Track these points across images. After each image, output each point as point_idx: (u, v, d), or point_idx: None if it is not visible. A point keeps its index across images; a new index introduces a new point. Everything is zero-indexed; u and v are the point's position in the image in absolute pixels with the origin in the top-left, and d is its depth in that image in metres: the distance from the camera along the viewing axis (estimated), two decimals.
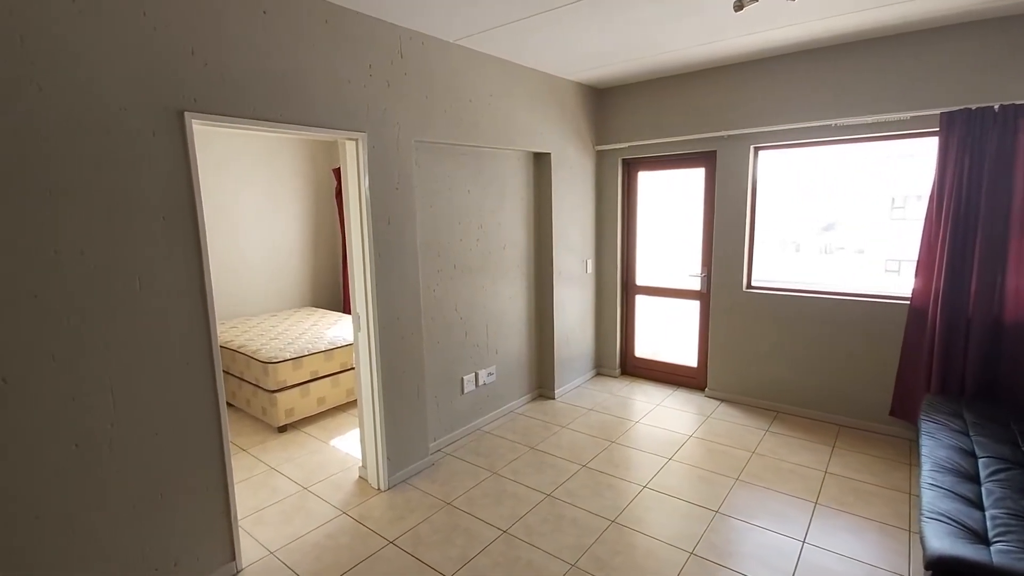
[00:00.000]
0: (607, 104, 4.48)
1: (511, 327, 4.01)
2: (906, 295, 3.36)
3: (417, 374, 3.12)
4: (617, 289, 4.70)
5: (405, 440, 3.08)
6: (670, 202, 4.55)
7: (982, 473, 2.21)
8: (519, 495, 2.92)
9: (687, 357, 4.51)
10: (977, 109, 2.89)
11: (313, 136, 2.53)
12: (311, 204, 5.49)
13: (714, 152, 4.03)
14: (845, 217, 4.07)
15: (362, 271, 2.84)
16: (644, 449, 3.43)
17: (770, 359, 3.93)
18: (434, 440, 3.44)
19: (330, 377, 4.02)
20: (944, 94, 3.06)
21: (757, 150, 3.85)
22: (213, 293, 2.18)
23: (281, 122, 2.34)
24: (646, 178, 4.57)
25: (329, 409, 4.14)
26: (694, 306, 4.38)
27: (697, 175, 4.22)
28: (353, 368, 4.14)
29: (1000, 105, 2.83)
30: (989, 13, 2.83)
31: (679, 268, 4.48)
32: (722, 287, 4.08)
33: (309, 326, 4.47)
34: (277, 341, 4.00)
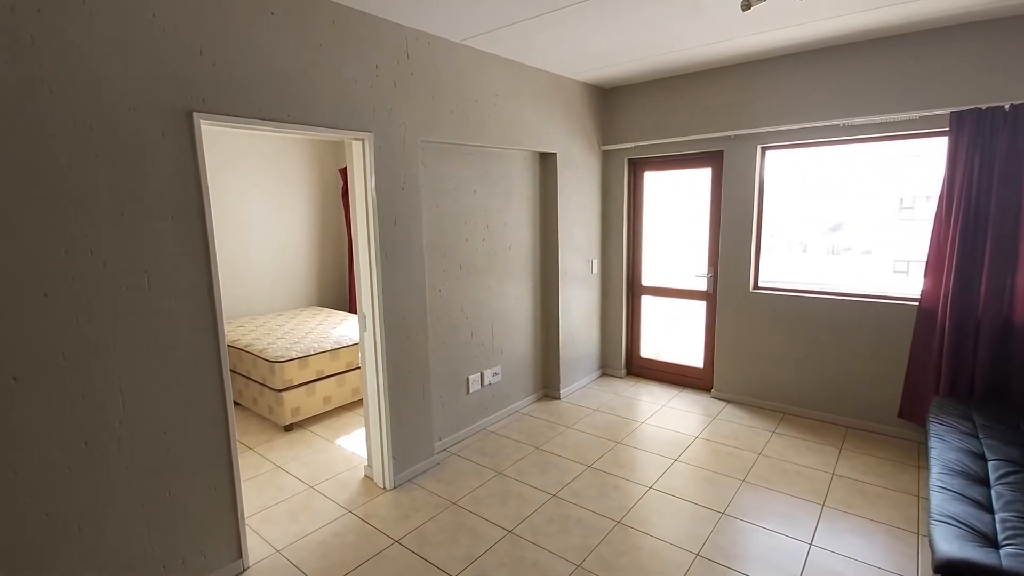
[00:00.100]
0: (613, 104, 4.48)
1: (517, 327, 4.01)
2: (915, 296, 3.34)
3: (423, 374, 3.13)
4: (623, 289, 4.69)
5: (411, 439, 3.09)
6: (676, 202, 4.54)
7: (992, 476, 2.19)
8: (524, 495, 2.92)
9: (693, 358, 4.50)
10: (987, 109, 2.86)
11: (320, 136, 2.54)
12: (317, 204, 5.51)
13: (721, 152, 4.01)
14: (853, 217, 4.04)
15: (368, 271, 2.85)
16: (650, 450, 3.42)
17: (777, 360, 3.91)
18: (439, 440, 3.45)
19: (336, 376, 4.04)
20: (953, 93, 3.03)
21: (764, 150, 3.83)
22: (221, 292, 2.19)
23: (288, 122, 2.35)
24: (652, 178, 4.56)
25: (335, 408, 4.15)
26: (700, 307, 4.36)
27: (703, 175, 4.21)
28: (359, 367, 4.14)
29: (1011, 105, 2.80)
30: (998, 13, 2.81)
31: (685, 268, 4.46)
32: (729, 288, 4.07)
33: (315, 325, 4.49)
34: (283, 340, 4.02)
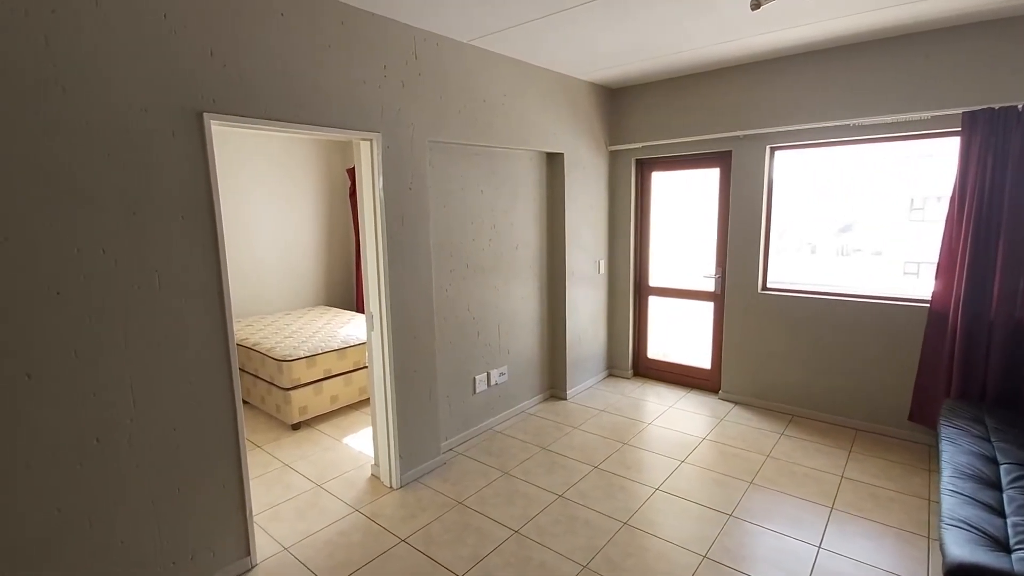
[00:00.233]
0: (621, 104, 4.47)
1: (523, 327, 4.01)
2: (925, 298, 3.31)
3: (429, 373, 3.13)
4: (630, 290, 4.68)
5: (417, 439, 3.10)
6: (684, 203, 4.52)
7: (1004, 480, 2.16)
8: (531, 495, 2.91)
9: (700, 359, 4.48)
10: (1000, 109, 2.83)
11: (328, 136, 2.55)
12: (325, 204, 5.54)
13: (729, 152, 3.99)
14: (862, 218, 4.00)
15: (376, 271, 2.86)
16: (656, 451, 3.41)
17: (785, 362, 3.88)
18: (446, 439, 3.46)
19: (343, 376, 4.05)
20: (965, 93, 3.00)
21: (773, 150, 3.81)
22: (230, 291, 2.21)
23: (297, 122, 2.37)
24: (660, 178, 4.54)
25: (342, 407, 4.17)
26: (708, 307, 4.34)
27: (712, 175, 4.19)
28: (366, 367, 4.17)
29: None
30: (1010, 12, 2.77)
31: (693, 269, 4.44)
32: (737, 288, 4.05)
33: (323, 325, 4.51)
34: (291, 339, 4.04)
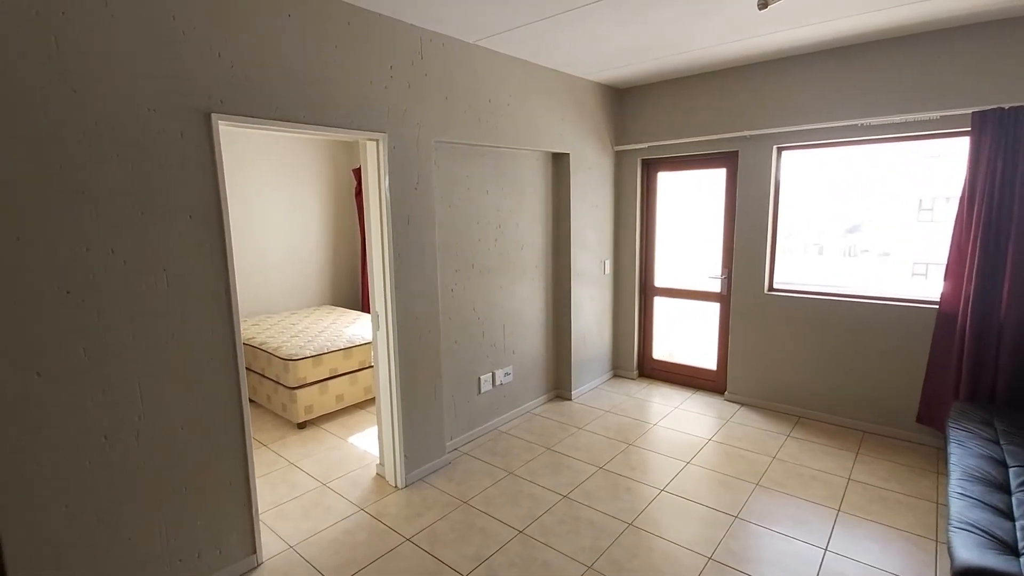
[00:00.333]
0: (627, 104, 4.46)
1: (528, 327, 4.01)
2: (934, 299, 3.28)
3: (435, 373, 3.14)
4: (635, 290, 4.67)
5: (422, 438, 3.10)
6: (690, 203, 4.50)
7: (1013, 483, 2.14)
8: (536, 495, 2.91)
9: (706, 360, 4.46)
10: (1010, 108, 2.80)
11: (335, 136, 2.56)
12: (331, 203, 5.56)
13: (736, 152, 3.98)
14: (870, 219, 3.98)
15: (382, 270, 2.87)
16: (662, 452, 3.40)
17: (792, 363, 3.86)
18: (451, 439, 3.46)
19: (348, 375, 4.07)
20: (975, 93, 2.97)
21: (780, 150, 3.79)
22: (237, 290, 2.22)
23: (304, 123, 2.38)
24: (666, 178, 4.53)
25: (347, 406, 4.18)
26: (714, 308, 4.33)
27: (718, 176, 4.18)
28: (371, 366, 4.18)
29: None
30: (1021, 11, 2.76)
31: (699, 270, 4.43)
32: (743, 289, 4.03)
33: (328, 324, 4.52)
34: (297, 339, 4.06)
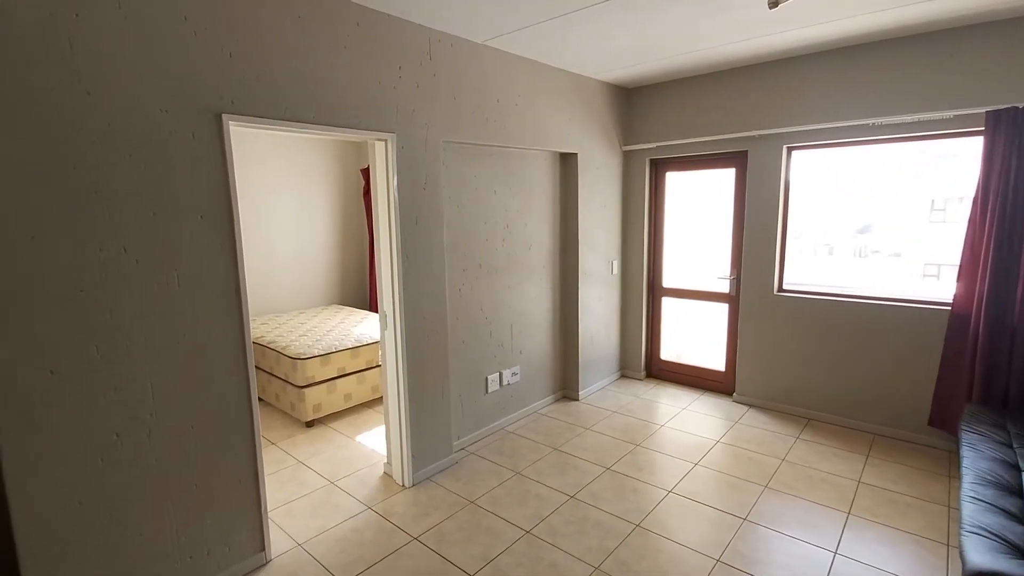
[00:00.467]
0: (635, 104, 4.44)
1: (536, 327, 4.01)
2: (946, 300, 3.24)
3: (442, 373, 3.15)
4: (643, 290, 4.65)
5: (429, 438, 3.11)
6: (699, 203, 4.48)
7: None
8: (542, 496, 2.91)
9: (714, 361, 4.44)
10: None
11: (344, 137, 2.58)
12: (339, 203, 5.59)
13: (745, 152, 3.95)
14: (881, 219, 3.94)
15: (390, 270, 2.88)
16: (669, 453, 3.38)
17: (801, 364, 3.83)
18: (458, 439, 3.47)
19: (356, 374, 4.08)
20: (989, 92, 2.94)
21: (790, 150, 3.77)
22: (247, 290, 2.24)
23: (313, 123, 2.39)
24: (674, 178, 4.51)
25: (355, 405, 4.20)
26: (722, 309, 4.30)
27: (727, 175, 4.15)
28: (379, 366, 4.20)
29: None
30: None
31: (707, 270, 4.41)
32: (752, 290, 4.00)
33: (336, 323, 4.55)
34: (306, 338, 4.08)
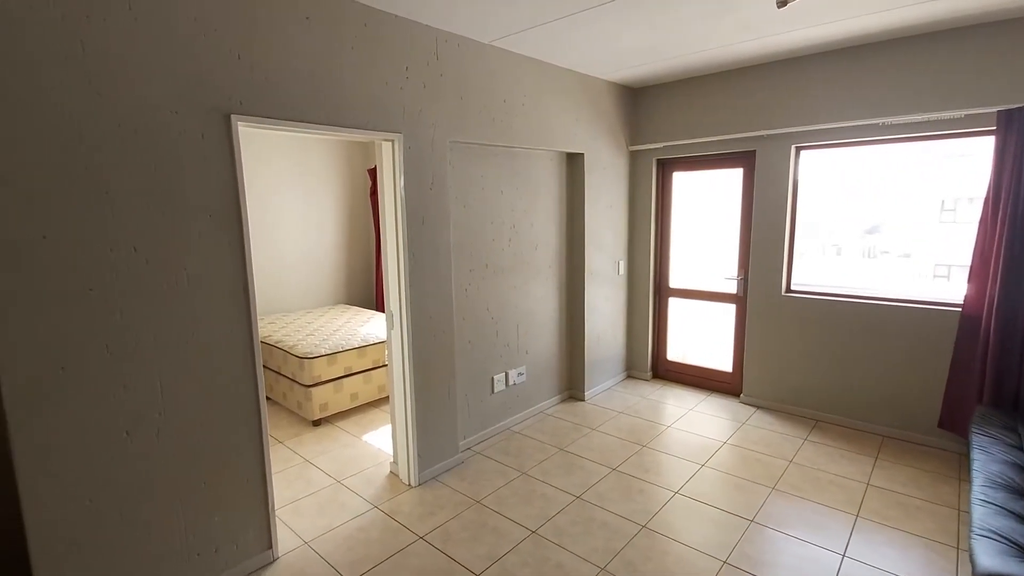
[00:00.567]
0: (642, 104, 4.43)
1: (542, 327, 4.01)
2: (956, 302, 3.21)
3: (448, 372, 3.15)
4: (649, 291, 4.64)
5: (436, 437, 3.12)
6: (706, 203, 4.46)
7: None
8: (548, 496, 2.91)
9: (721, 362, 4.42)
10: None
11: (352, 137, 2.59)
12: (346, 203, 5.61)
13: (753, 152, 3.93)
14: (890, 219, 3.91)
15: (396, 270, 2.89)
16: (676, 454, 3.37)
17: (810, 366, 3.81)
18: (464, 438, 3.47)
19: (363, 374, 4.10)
20: (1001, 91, 2.90)
21: (799, 150, 3.74)
22: (255, 289, 2.25)
23: (321, 123, 2.40)
24: (681, 178, 4.50)
25: (361, 405, 4.22)
26: (730, 310, 4.28)
27: (735, 175, 4.13)
28: (385, 365, 4.21)
29: None
30: None
31: (714, 271, 4.39)
32: (759, 291, 3.98)
33: (343, 323, 4.56)
34: (313, 337, 4.10)
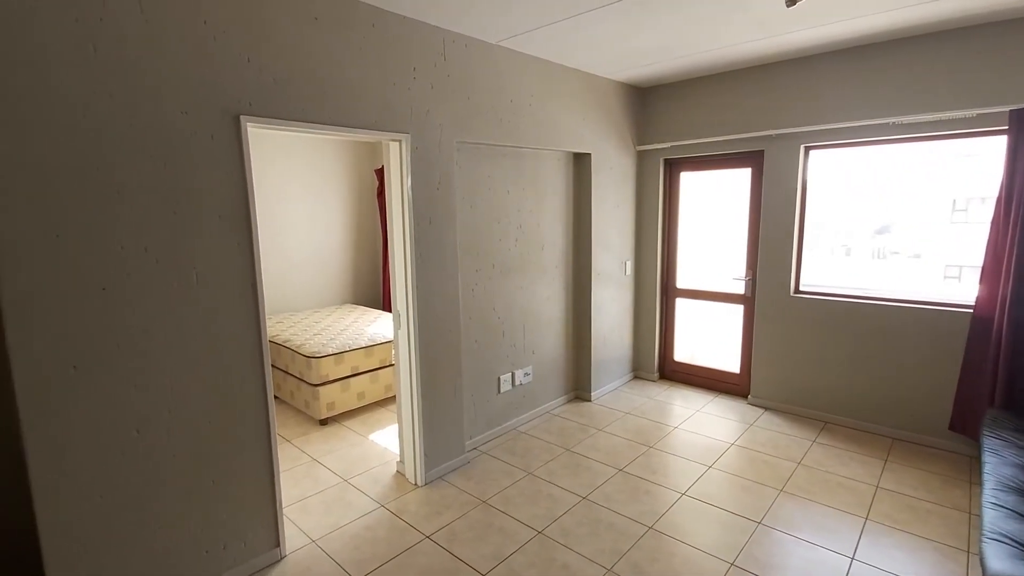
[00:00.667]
0: (649, 103, 4.42)
1: (548, 327, 4.01)
2: (968, 303, 3.18)
3: (455, 372, 3.16)
4: (656, 291, 4.63)
5: (442, 437, 3.12)
6: (713, 203, 4.44)
7: None
8: (554, 496, 2.91)
9: (729, 363, 4.40)
10: None
11: (359, 137, 2.60)
12: (353, 203, 5.64)
13: (761, 152, 3.91)
14: (900, 220, 3.87)
15: (403, 270, 2.89)
16: (683, 455, 3.36)
17: (818, 367, 3.78)
18: (470, 438, 3.48)
19: (369, 373, 4.11)
20: (1014, 90, 2.87)
21: (808, 149, 3.72)
22: (263, 289, 2.26)
23: (329, 124, 2.41)
24: (689, 178, 4.48)
25: (368, 404, 4.23)
26: (737, 310, 4.26)
27: (743, 175, 4.11)
28: (391, 365, 4.22)
29: None
30: None
31: (722, 271, 4.37)
32: (768, 291, 3.96)
33: (350, 323, 4.58)
34: (320, 337, 4.12)
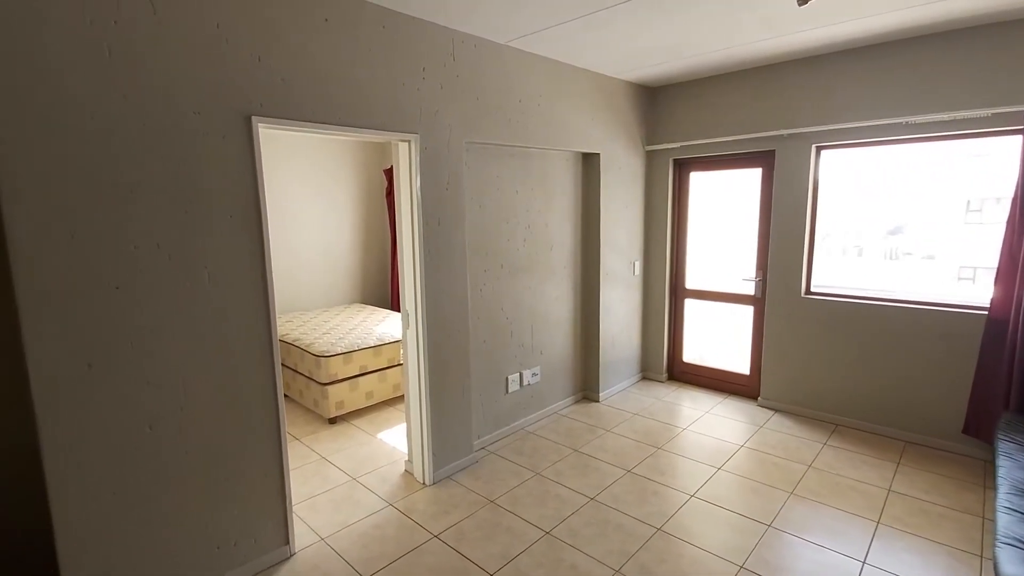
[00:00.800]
0: (659, 103, 4.40)
1: (556, 328, 4.00)
2: (983, 305, 3.14)
3: (463, 372, 3.16)
4: (665, 292, 4.60)
5: (450, 436, 3.13)
6: (723, 203, 4.41)
7: None
8: (562, 497, 2.90)
9: (739, 364, 4.37)
10: None
11: (369, 138, 2.61)
12: (362, 203, 5.66)
13: (772, 152, 3.88)
14: (913, 220, 3.83)
15: (412, 270, 2.90)
16: (692, 457, 3.34)
17: (830, 369, 3.74)
18: (478, 438, 3.48)
19: (378, 372, 4.13)
20: None
21: (819, 149, 3.68)
22: (274, 287, 2.28)
23: (339, 124, 2.43)
24: (698, 178, 4.45)
25: (377, 403, 4.25)
26: (747, 311, 4.23)
27: (753, 175, 4.08)
28: (400, 364, 4.24)
29: None
30: None
31: (732, 272, 4.34)
32: (778, 292, 3.93)
33: (359, 322, 4.60)
34: (329, 336, 4.14)
